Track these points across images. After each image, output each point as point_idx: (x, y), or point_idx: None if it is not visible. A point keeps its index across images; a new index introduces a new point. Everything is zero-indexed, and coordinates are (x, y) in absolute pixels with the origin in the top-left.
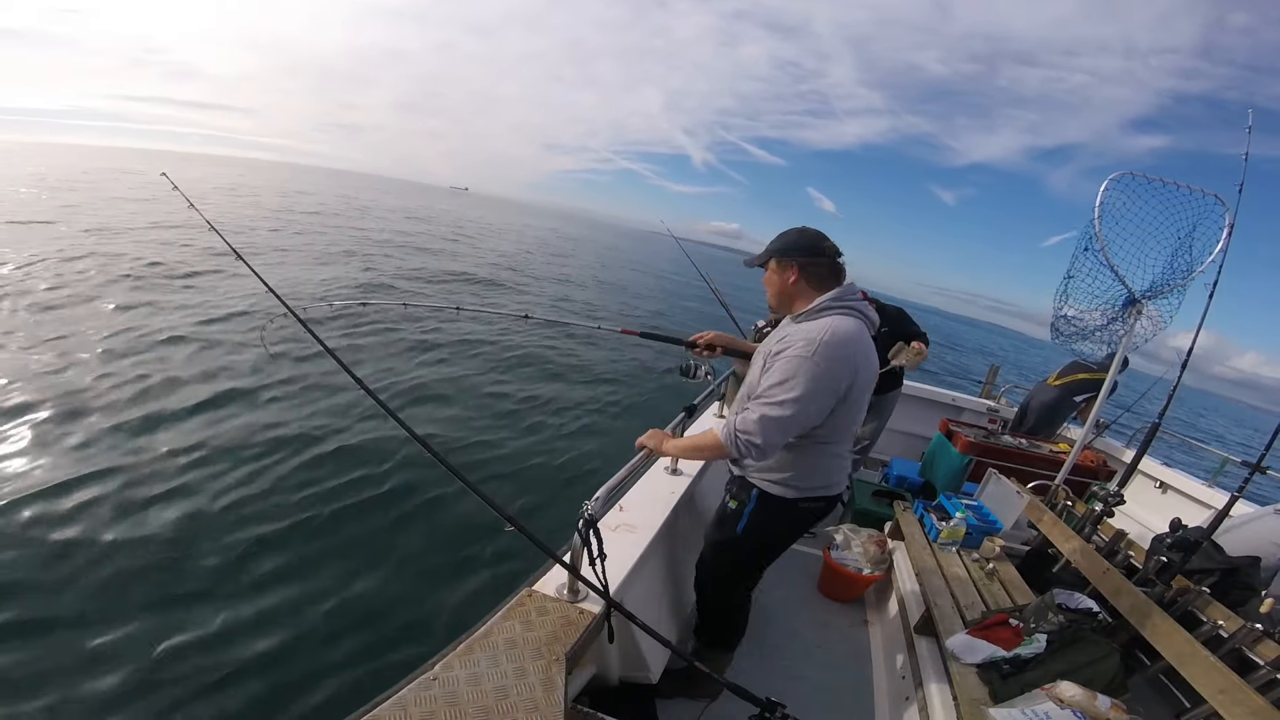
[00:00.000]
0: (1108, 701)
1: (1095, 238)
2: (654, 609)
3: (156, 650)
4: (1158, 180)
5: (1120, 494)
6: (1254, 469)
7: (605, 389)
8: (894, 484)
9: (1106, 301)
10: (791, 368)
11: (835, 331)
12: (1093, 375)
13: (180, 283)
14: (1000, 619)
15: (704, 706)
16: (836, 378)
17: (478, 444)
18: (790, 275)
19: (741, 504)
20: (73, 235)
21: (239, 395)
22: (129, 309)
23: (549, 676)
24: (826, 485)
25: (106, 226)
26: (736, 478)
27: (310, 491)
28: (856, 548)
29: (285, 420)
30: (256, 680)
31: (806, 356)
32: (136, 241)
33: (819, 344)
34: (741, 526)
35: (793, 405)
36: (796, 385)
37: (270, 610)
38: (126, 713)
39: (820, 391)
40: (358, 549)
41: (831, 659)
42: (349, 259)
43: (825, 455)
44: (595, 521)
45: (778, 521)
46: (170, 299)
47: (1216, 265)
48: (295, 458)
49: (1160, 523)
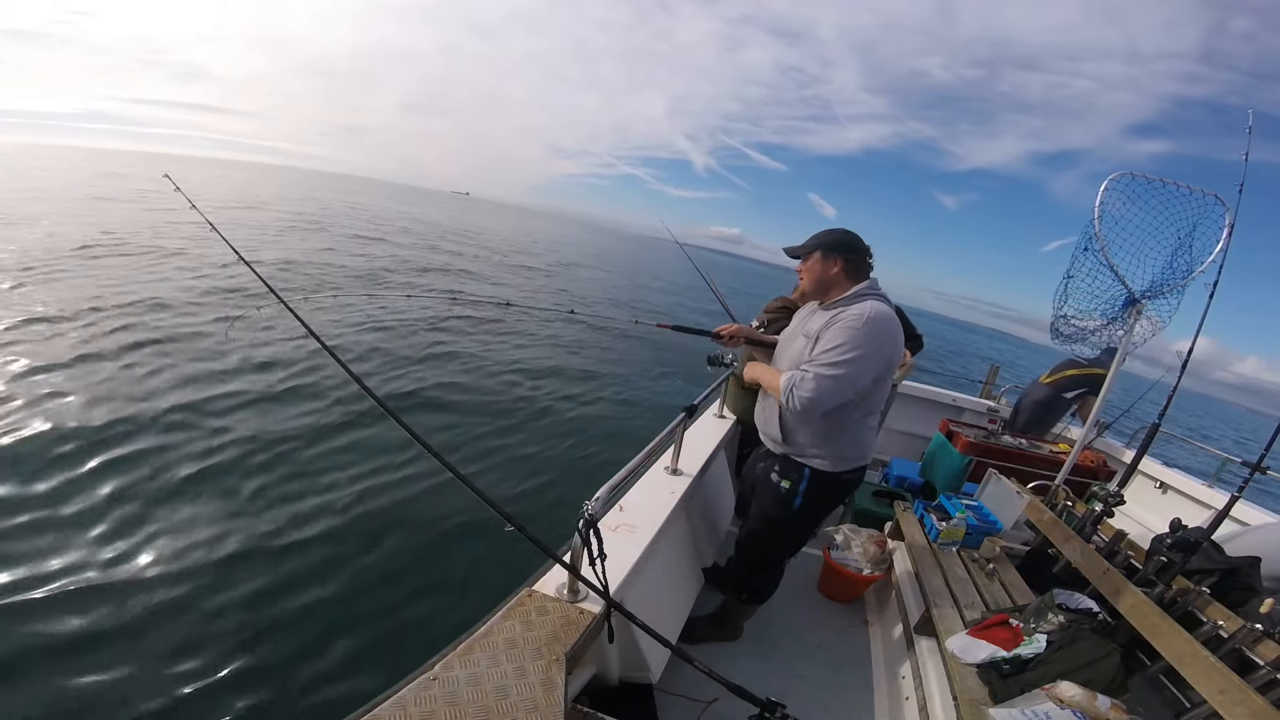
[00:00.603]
0: (1108, 701)
1: (1095, 238)
2: (654, 609)
3: (148, 650)
4: (1158, 180)
5: (1120, 494)
6: (1254, 469)
7: (608, 389)
8: (894, 484)
9: (1106, 302)
10: (845, 335)
11: (880, 310)
12: (1083, 371)
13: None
14: (1000, 619)
15: (704, 707)
16: (883, 348)
17: (477, 445)
18: (834, 267)
19: (794, 483)
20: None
21: (241, 397)
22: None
23: (549, 676)
24: (862, 456)
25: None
26: (780, 457)
27: (310, 492)
28: (856, 548)
29: (285, 419)
30: (256, 680)
31: (858, 327)
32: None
33: (868, 318)
34: (798, 503)
35: (845, 366)
36: (849, 349)
37: (270, 610)
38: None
39: (871, 356)
40: (357, 549)
41: (831, 659)
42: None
43: (863, 428)
44: (595, 521)
45: (826, 494)
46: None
47: (1217, 265)
48: (295, 458)
49: (1160, 523)
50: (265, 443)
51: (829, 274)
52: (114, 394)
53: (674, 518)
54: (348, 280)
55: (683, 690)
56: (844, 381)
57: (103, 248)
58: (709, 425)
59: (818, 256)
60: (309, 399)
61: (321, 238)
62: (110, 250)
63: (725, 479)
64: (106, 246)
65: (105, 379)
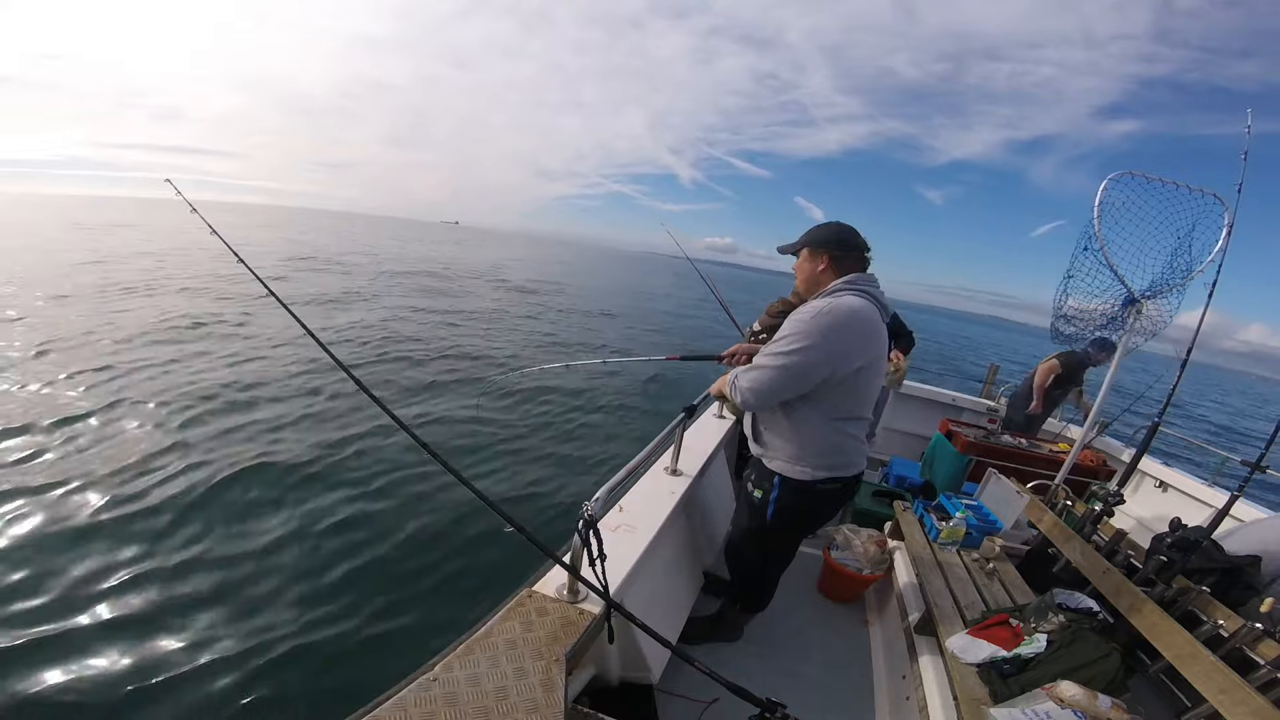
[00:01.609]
0: (1108, 701)
1: (1095, 237)
2: (654, 609)
3: (145, 652)
4: (1157, 180)
5: (1120, 494)
6: (1254, 468)
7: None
8: (894, 484)
9: (1106, 301)
10: (792, 326)
11: (840, 304)
12: (1064, 364)
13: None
14: (1000, 619)
15: (704, 707)
16: (830, 343)
17: (479, 442)
18: (820, 264)
19: (766, 491)
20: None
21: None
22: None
23: (549, 677)
24: (843, 465)
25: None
26: (756, 462)
27: (309, 491)
28: (856, 548)
29: (286, 421)
30: (256, 679)
31: (807, 319)
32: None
33: (820, 312)
34: (770, 513)
35: (784, 358)
36: (793, 341)
37: (270, 610)
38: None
39: (814, 349)
40: (357, 549)
41: (831, 659)
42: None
43: (837, 432)
44: (595, 522)
45: (802, 504)
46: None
47: (1216, 265)
48: (294, 457)
49: (1160, 523)
50: (265, 444)
51: (816, 271)
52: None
53: (674, 518)
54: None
55: (683, 690)
56: (785, 372)
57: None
58: (709, 425)
59: (805, 254)
60: (311, 400)
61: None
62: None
63: (725, 479)
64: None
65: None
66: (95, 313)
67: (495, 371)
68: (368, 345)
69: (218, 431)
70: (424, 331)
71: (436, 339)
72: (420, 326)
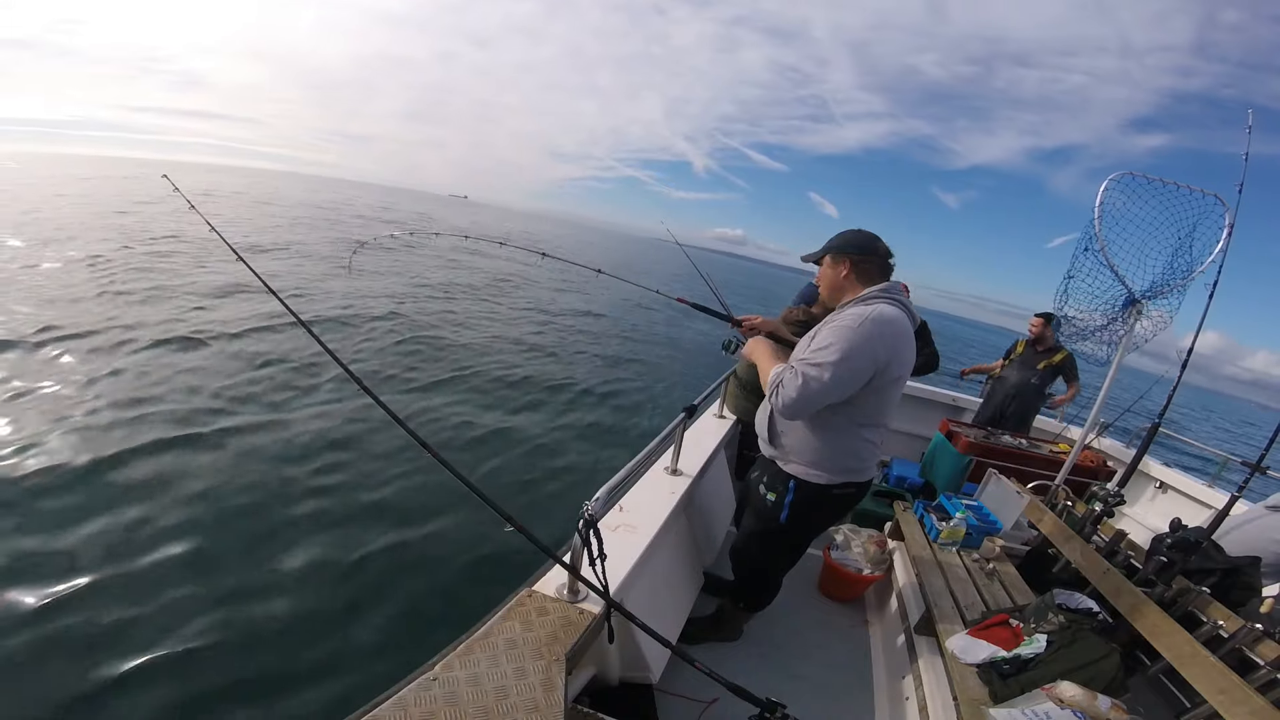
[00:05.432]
0: (1108, 701)
1: (1095, 238)
2: (654, 609)
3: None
4: (1157, 180)
5: (1120, 494)
6: (1254, 469)
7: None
8: (894, 484)
9: (1107, 302)
10: (835, 335)
11: (881, 313)
12: (1047, 362)
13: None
14: (1000, 619)
15: (704, 707)
16: (875, 351)
17: (478, 441)
18: (842, 270)
19: (780, 494)
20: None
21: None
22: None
23: (549, 677)
24: (858, 470)
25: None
26: (769, 464)
27: (308, 492)
28: (856, 548)
29: (286, 419)
30: (256, 679)
31: (852, 328)
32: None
33: (864, 319)
34: (784, 516)
35: (830, 369)
36: (836, 351)
37: (270, 611)
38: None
39: (858, 357)
40: (357, 549)
41: (831, 659)
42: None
43: (857, 438)
44: (595, 521)
45: (815, 508)
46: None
47: (1217, 265)
48: (294, 457)
49: (1160, 523)
50: (260, 442)
51: (839, 278)
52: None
53: (674, 518)
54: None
55: (683, 690)
56: (830, 384)
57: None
58: (709, 425)
59: (828, 260)
60: (307, 400)
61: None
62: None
63: (725, 479)
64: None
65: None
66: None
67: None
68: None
69: (212, 437)
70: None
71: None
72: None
